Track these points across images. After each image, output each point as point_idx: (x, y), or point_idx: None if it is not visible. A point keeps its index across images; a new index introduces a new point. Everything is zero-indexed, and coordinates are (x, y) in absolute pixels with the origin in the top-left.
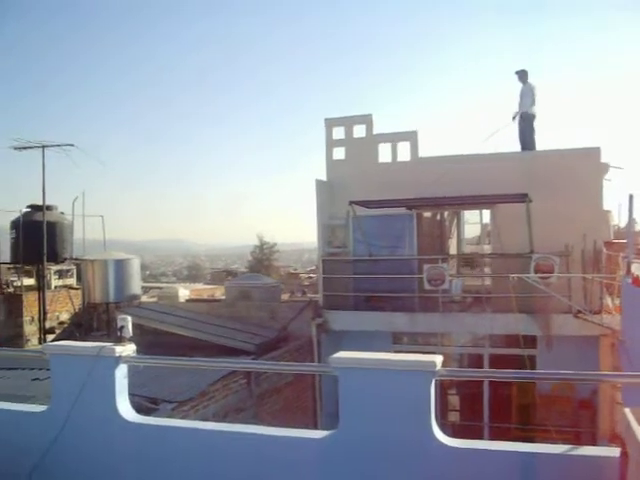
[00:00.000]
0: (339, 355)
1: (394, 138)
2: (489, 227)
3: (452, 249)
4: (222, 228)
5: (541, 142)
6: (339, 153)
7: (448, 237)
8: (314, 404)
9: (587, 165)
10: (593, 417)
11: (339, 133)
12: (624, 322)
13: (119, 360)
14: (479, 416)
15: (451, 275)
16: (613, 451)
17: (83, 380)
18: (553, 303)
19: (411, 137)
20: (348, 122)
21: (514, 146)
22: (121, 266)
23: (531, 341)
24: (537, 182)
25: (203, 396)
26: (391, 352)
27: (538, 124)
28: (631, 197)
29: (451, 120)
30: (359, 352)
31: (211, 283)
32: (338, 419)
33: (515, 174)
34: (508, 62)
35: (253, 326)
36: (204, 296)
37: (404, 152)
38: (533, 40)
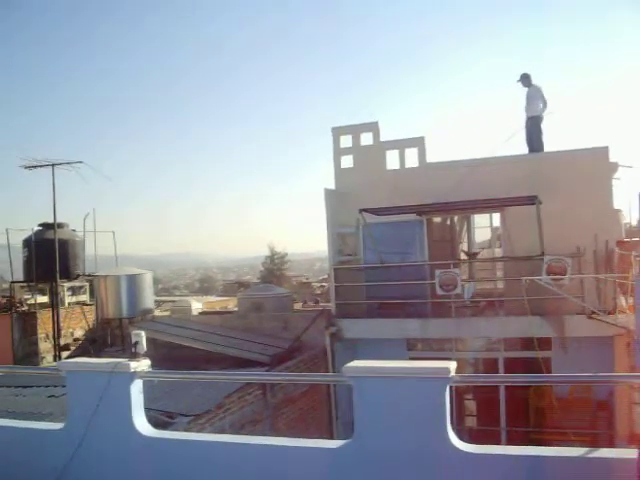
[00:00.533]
0: (353, 364)
1: (401, 145)
2: (499, 230)
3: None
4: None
5: (549, 143)
6: (347, 161)
7: (459, 242)
8: (330, 414)
9: (596, 165)
10: (611, 419)
11: (346, 141)
12: (638, 321)
13: (134, 376)
14: (496, 421)
15: (463, 280)
16: (631, 452)
17: (99, 396)
18: (566, 305)
19: (418, 143)
20: (355, 130)
21: (523, 149)
22: (133, 281)
23: (546, 343)
24: (546, 184)
25: (219, 408)
26: (406, 359)
27: (545, 125)
28: None
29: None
30: (373, 361)
31: (223, 295)
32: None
33: (524, 176)
34: (515, 63)
35: (266, 337)
36: (217, 308)
37: (412, 158)
38: (537, 40)
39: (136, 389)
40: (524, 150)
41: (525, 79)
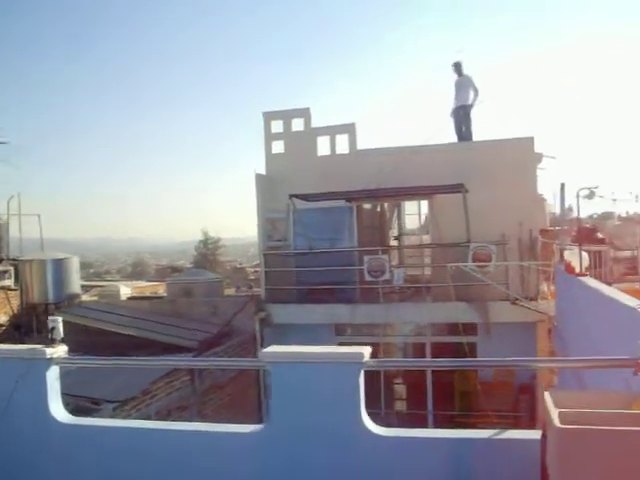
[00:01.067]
0: (270, 349)
1: (332, 131)
2: (428, 218)
3: (393, 240)
4: (169, 226)
5: (478, 133)
6: (278, 147)
7: (389, 228)
8: (259, 399)
9: (521, 154)
10: (532, 402)
11: (277, 127)
12: (557, 308)
13: (50, 362)
14: (424, 404)
15: (392, 266)
16: (536, 433)
17: (14, 383)
18: (491, 291)
19: (349, 130)
20: (286, 115)
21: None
22: (59, 265)
23: (471, 329)
24: (473, 172)
25: (145, 394)
26: (334, 344)
27: (474, 114)
28: (562, 186)
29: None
30: (290, 346)
31: (155, 280)
32: None
33: (453, 165)
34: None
35: (196, 322)
36: (146, 293)
37: (343, 145)
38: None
39: (52, 375)
40: (454, 139)
41: (458, 67)
